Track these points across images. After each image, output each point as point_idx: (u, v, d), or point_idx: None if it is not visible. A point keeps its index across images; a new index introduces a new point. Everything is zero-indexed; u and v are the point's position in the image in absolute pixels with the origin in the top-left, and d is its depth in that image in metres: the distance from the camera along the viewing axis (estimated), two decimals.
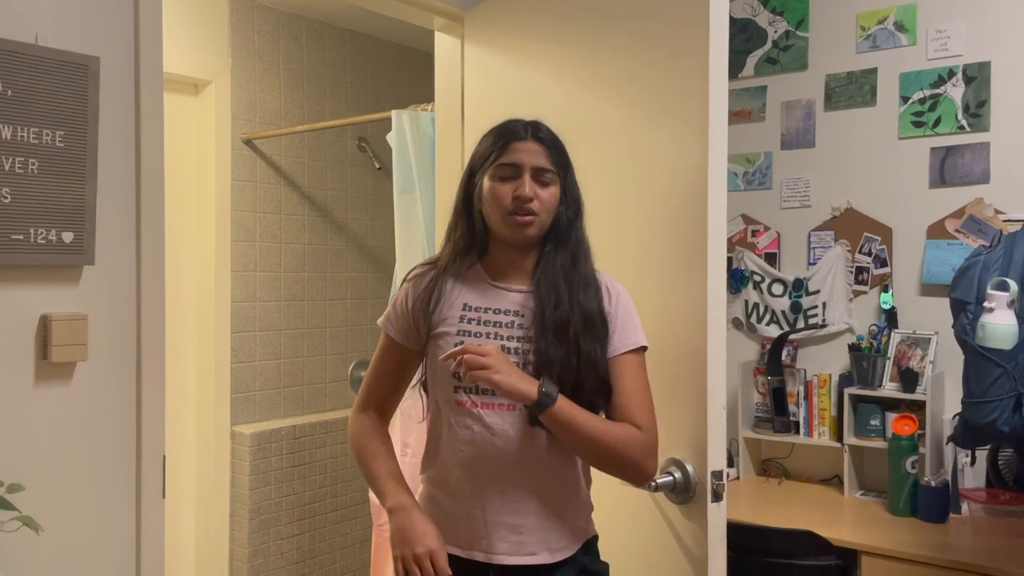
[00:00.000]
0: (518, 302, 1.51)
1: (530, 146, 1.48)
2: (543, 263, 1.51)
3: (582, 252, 1.53)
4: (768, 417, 3.16)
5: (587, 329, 1.46)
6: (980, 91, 2.89)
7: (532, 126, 1.52)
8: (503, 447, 1.46)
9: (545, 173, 1.48)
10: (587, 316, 1.47)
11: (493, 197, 1.48)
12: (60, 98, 1.51)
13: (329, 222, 3.55)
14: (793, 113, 3.27)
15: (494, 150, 1.49)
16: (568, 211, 1.52)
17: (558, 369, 1.43)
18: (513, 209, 1.47)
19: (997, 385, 2.04)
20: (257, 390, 3.28)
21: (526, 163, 1.47)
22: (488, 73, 2.29)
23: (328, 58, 3.53)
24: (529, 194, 1.46)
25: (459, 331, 1.50)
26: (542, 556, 1.47)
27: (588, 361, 1.45)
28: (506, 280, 1.54)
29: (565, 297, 1.47)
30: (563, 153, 1.53)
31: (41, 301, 1.53)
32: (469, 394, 1.47)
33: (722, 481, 1.72)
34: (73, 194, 1.54)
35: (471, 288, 1.54)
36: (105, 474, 1.62)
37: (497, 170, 1.48)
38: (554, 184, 1.50)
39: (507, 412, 1.46)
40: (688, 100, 1.79)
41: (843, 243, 3.16)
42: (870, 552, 2.47)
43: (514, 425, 1.46)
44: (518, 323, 1.49)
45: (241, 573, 3.16)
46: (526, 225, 1.47)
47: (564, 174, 1.52)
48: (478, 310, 1.51)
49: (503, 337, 1.48)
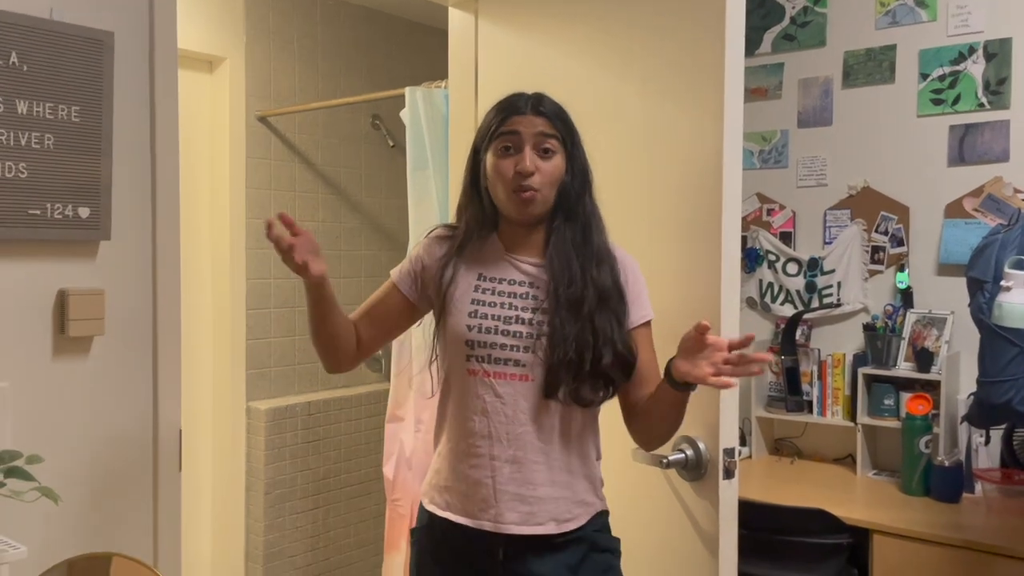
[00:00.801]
0: (532, 274, 1.51)
1: (530, 119, 1.47)
2: (554, 238, 1.49)
3: (593, 225, 1.51)
4: (781, 396, 3.16)
5: (601, 305, 1.46)
6: (1001, 68, 2.84)
7: (534, 99, 1.50)
8: (514, 417, 1.46)
9: (548, 141, 1.46)
10: (601, 292, 1.46)
11: (496, 173, 1.47)
12: (75, 73, 1.52)
13: (343, 200, 3.55)
14: (810, 90, 3.24)
15: (495, 124, 1.48)
16: (575, 182, 1.49)
17: (573, 345, 1.43)
18: (515, 185, 1.45)
19: (1013, 364, 2.03)
20: (272, 366, 3.30)
21: (526, 134, 1.46)
22: (502, 49, 2.28)
23: (342, 35, 3.52)
24: (530, 167, 1.44)
25: (473, 300, 1.50)
26: (549, 526, 1.47)
27: (604, 336, 1.44)
28: (520, 253, 1.53)
29: (578, 274, 1.46)
30: (567, 124, 1.51)
31: (58, 276, 1.55)
32: (482, 363, 1.47)
33: (734, 459, 1.73)
34: (89, 169, 1.55)
35: (486, 259, 1.53)
36: (122, 446, 1.64)
37: (498, 143, 1.47)
38: (558, 154, 1.48)
39: (519, 382, 1.46)
40: (704, 77, 1.77)
41: (859, 222, 3.14)
42: (882, 531, 2.47)
43: (526, 396, 1.46)
44: (532, 294, 1.49)
45: (257, 547, 3.20)
46: (528, 203, 1.46)
47: (570, 145, 1.50)
48: (492, 280, 1.51)
49: (517, 308, 1.48)
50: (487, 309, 1.48)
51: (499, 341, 1.47)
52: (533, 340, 1.45)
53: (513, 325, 1.47)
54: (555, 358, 1.43)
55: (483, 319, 1.48)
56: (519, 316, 1.47)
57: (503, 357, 1.46)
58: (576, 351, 1.43)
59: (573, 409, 1.48)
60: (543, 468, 1.47)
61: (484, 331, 1.47)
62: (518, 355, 1.46)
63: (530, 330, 1.46)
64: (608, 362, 1.44)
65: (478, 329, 1.47)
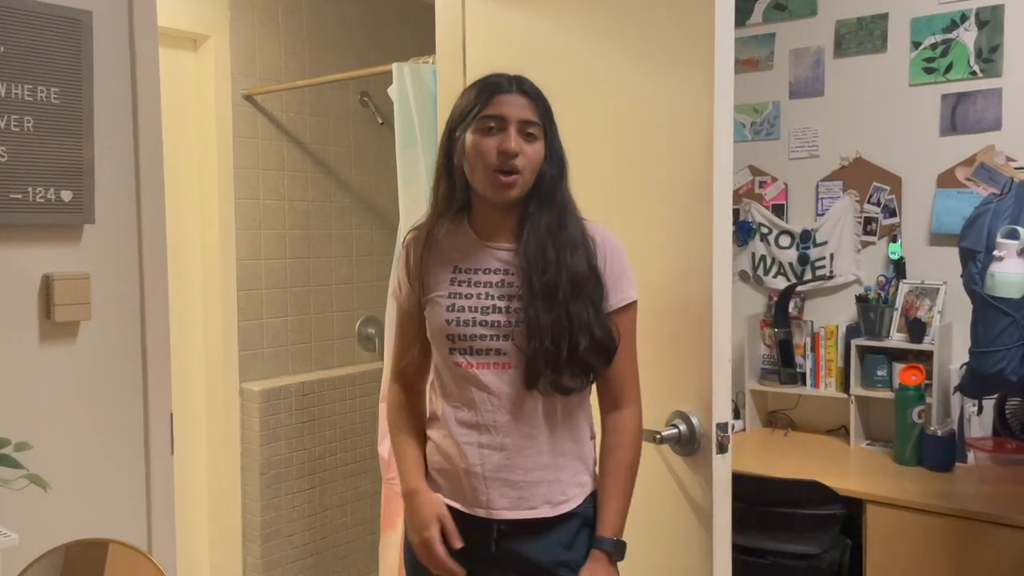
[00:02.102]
0: (507, 260, 1.50)
1: (515, 99, 1.44)
2: (529, 224, 1.47)
3: (568, 212, 1.49)
4: (775, 369, 3.16)
5: (576, 292, 1.44)
6: (993, 35, 2.82)
7: (516, 79, 1.47)
8: (500, 405, 1.46)
9: (531, 126, 1.44)
10: (575, 279, 1.44)
11: (477, 152, 1.44)
12: (54, 54, 1.49)
13: (333, 178, 3.52)
14: (802, 61, 3.21)
15: (477, 103, 1.45)
16: (552, 168, 1.47)
17: (549, 335, 1.42)
18: (498, 165, 1.42)
19: (1005, 334, 2.03)
20: (265, 347, 3.29)
21: (512, 116, 1.43)
22: (489, 23, 2.25)
23: (328, 10, 3.47)
24: (515, 148, 1.42)
25: (450, 294, 1.50)
26: (543, 510, 1.48)
27: (580, 323, 1.43)
28: (494, 239, 1.51)
29: (553, 261, 1.44)
30: (548, 108, 1.48)
31: (43, 261, 1.53)
32: (464, 355, 1.47)
33: (727, 433, 1.72)
34: (71, 152, 1.52)
35: (460, 249, 1.53)
36: (113, 431, 1.63)
37: (481, 123, 1.44)
38: (540, 139, 1.46)
39: (502, 371, 1.46)
40: (694, 48, 1.75)
41: (851, 193, 3.13)
42: (876, 501, 2.49)
43: (511, 384, 1.46)
44: (507, 281, 1.48)
45: (253, 527, 3.20)
46: (509, 186, 1.43)
47: (549, 130, 1.48)
48: (468, 271, 1.50)
49: (494, 297, 1.47)
50: (464, 301, 1.48)
51: (478, 332, 1.46)
52: (511, 328, 1.45)
53: (491, 315, 1.47)
54: (532, 349, 1.43)
55: (461, 312, 1.48)
56: (496, 305, 1.47)
57: (484, 347, 1.46)
58: (552, 340, 1.42)
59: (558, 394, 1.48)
60: (533, 453, 1.47)
61: (463, 323, 1.47)
62: (498, 344, 1.46)
63: (508, 318, 1.45)
64: (585, 348, 1.43)
65: (456, 322, 1.47)
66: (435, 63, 2.49)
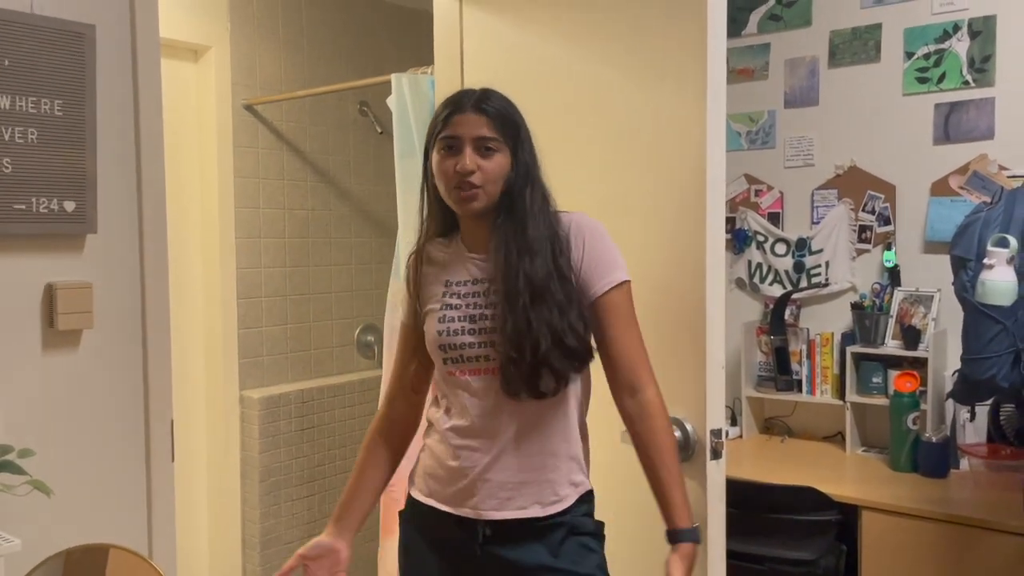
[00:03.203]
0: (485, 269, 1.53)
1: (470, 118, 1.46)
2: (494, 234, 1.50)
3: (531, 219, 1.48)
4: (771, 376, 3.18)
5: (537, 297, 1.44)
6: (985, 45, 2.85)
7: (477, 96, 1.49)
8: (490, 410, 1.49)
9: (488, 142, 1.46)
10: (535, 285, 1.44)
11: (440, 171, 1.49)
12: (57, 67, 1.51)
13: (332, 187, 3.55)
14: (797, 71, 3.24)
15: (438, 124, 1.50)
16: (518, 178, 1.48)
17: (513, 341, 1.43)
18: (457, 183, 1.46)
19: (996, 341, 2.05)
20: (265, 355, 3.31)
21: (466, 135, 1.46)
22: (487, 34, 2.27)
23: (327, 21, 3.51)
24: (469, 167, 1.45)
25: (443, 306, 1.53)
26: (533, 510, 1.50)
27: (541, 327, 1.43)
28: (477, 250, 1.55)
29: (513, 268, 1.45)
30: (511, 121, 1.49)
31: (46, 270, 1.55)
32: (456, 364, 1.51)
33: (721, 439, 1.74)
34: (74, 163, 1.55)
35: (452, 262, 1.57)
36: (114, 438, 1.65)
37: (442, 142, 1.48)
38: (500, 152, 1.47)
39: (491, 376, 1.49)
40: (686, 58, 1.77)
41: (846, 201, 3.15)
42: (871, 507, 2.50)
43: (499, 389, 1.48)
44: (484, 290, 1.52)
45: (253, 534, 3.22)
46: (470, 199, 1.47)
47: (513, 142, 1.48)
48: (458, 284, 1.54)
49: (480, 306, 1.51)
50: (453, 312, 1.52)
51: (466, 341, 1.50)
52: (493, 335, 1.48)
53: (477, 323, 1.50)
54: (502, 357, 1.45)
55: (451, 323, 1.51)
56: (482, 313, 1.50)
57: (473, 355, 1.49)
58: (515, 347, 1.43)
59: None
60: (524, 455, 1.49)
61: (452, 334, 1.51)
62: (485, 351, 1.49)
63: (492, 324, 1.48)
64: (546, 351, 1.42)
65: (447, 333, 1.51)
66: (433, 73, 2.52)
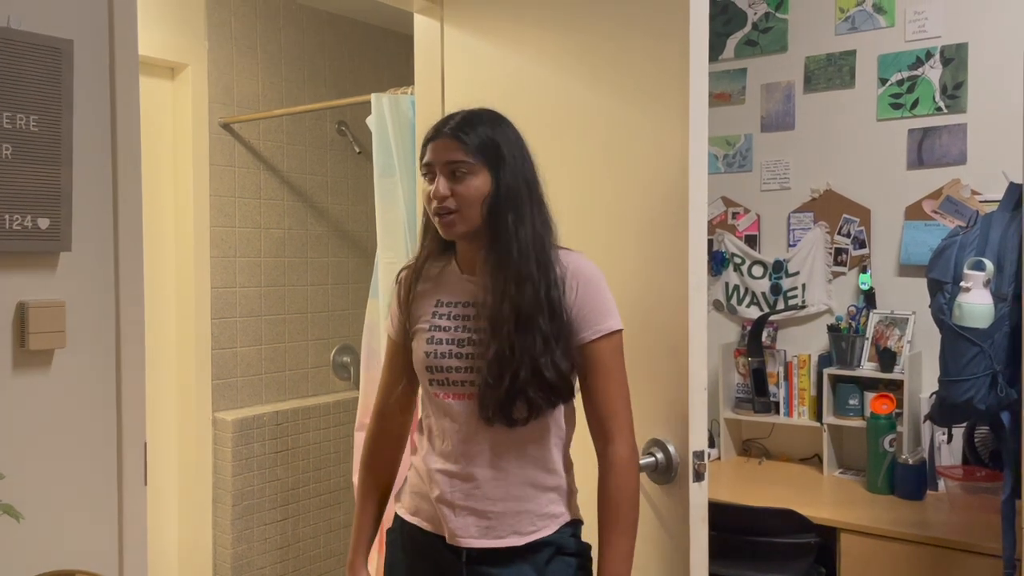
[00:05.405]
0: (475, 292, 1.52)
1: (441, 143, 1.47)
2: (483, 258, 1.49)
3: (517, 245, 1.45)
4: (748, 398, 3.19)
5: (522, 325, 1.42)
6: (957, 72, 2.91)
7: (456, 120, 1.49)
8: (469, 435, 1.48)
9: (461, 166, 1.45)
10: (520, 311, 1.43)
11: (423, 198, 1.52)
12: (33, 82, 1.49)
13: (309, 207, 3.52)
14: (773, 95, 3.28)
15: (422, 150, 1.52)
16: (500, 201, 1.46)
17: (495, 365, 1.42)
18: (435, 210, 1.48)
19: (973, 364, 2.07)
20: (239, 376, 3.26)
21: (437, 160, 1.47)
22: (468, 55, 2.28)
23: (306, 40, 3.50)
24: (442, 192, 1.45)
25: (431, 326, 1.52)
26: (511, 539, 1.48)
27: (523, 355, 1.41)
28: (471, 272, 1.54)
29: (499, 293, 1.44)
30: (489, 143, 1.47)
31: (17, 288, 1.52)
32: (441, 386, 1.50)
33: (704, 461, 1.74)
34: (48, 179, 1.51)
35: (445, 282, 1.56)
36: (86, 461, 1.61)
37: (423, 169, 1.51)
38: (474, 176, 1.45)
39: (466, 401, 1.48)
40: (669, 82, 1.78)
41: (822, 225, 3.18)
42: (849, 529, 2.51)
43: (476, 415, 1.47)
44: (473, 314, 1.51)
45: (224, 559, 3.15)
46: (449, 225, 1.47)
47: (494, 164, 1.47)
48: (448, 304, 1.54)
49: (470, 329, 1.49)
50: (442, 334, 1.51)
51: (452, 364, 1.48)
52: (478, 360, 1.46)
53: (465, 347, 1.48)
54: (481, 381, 1.44)
55: (439, 344, 1.50)
56: (470, 338, 1.48)
57: (458, 379, 1.48)
58: (495, 373, 1.42)
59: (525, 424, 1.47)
60: (502, 484, 1.48)
61: (439, 356, 1.49)
62: (470, 376, 1.47)
63: (479, 350, 1.46)
64: (524, 380, 1.41)
65: (434, 355, 1.50)
66: (414, 93, 2.51)
